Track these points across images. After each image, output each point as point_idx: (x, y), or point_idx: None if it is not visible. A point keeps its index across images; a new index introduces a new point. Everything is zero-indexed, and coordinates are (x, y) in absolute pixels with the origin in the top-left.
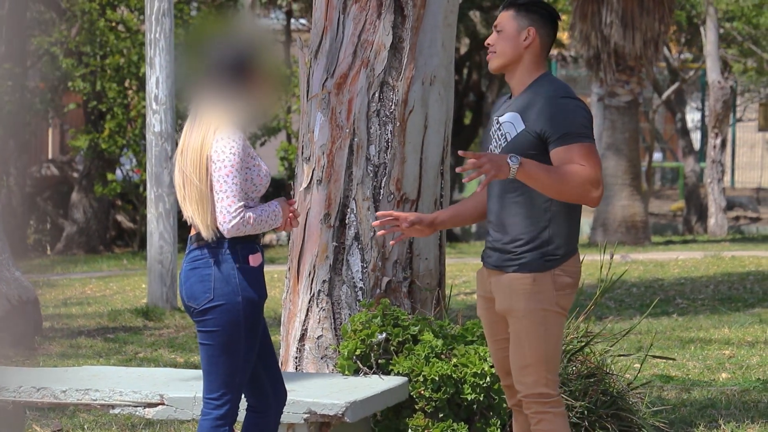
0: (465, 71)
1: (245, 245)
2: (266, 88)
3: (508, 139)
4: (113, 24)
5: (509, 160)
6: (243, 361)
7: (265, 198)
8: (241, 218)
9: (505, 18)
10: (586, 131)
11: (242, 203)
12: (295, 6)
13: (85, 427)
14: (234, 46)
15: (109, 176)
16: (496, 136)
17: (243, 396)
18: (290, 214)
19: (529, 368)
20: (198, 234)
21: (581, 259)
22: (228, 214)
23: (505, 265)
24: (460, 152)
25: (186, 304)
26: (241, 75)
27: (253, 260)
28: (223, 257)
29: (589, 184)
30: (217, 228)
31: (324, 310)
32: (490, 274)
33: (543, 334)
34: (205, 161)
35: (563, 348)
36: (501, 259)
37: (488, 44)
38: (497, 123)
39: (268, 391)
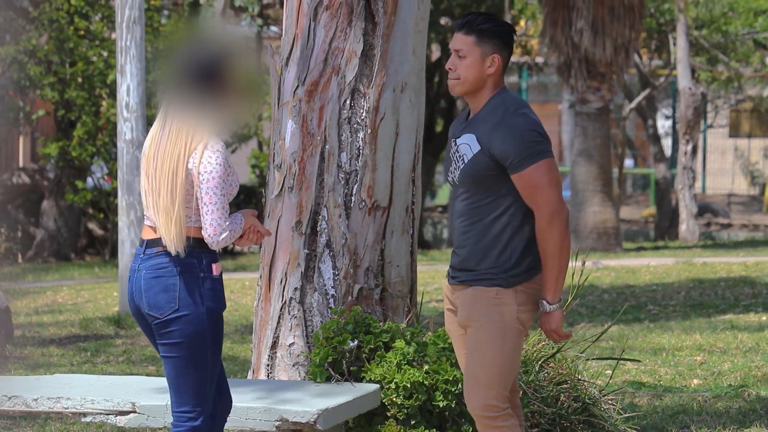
0: (436, 78)
1: (209, 254)
2: (239, 94)
3: (465, 161)
4: (81, 32)
5: (551, 311)
6: (211, 371)
7: (236, 206)
8: (230, 231)
9: (467, 44)
10: (539, 146)
11: (228, 215)
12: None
13: None
14: (207, 52)
15: (80, 184)
16: (455, 158)
17: None
18: (252, 229)
19: (481, 379)
20: (161, 239)
21: None
22: (219, 227)
23: (469, 280)
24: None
25: (146, 314)
26: (214, 81)
27: (216, 269)
28: (189, 266)
29: (559, 228)
30: (183, 240)
31: (296, 317)
32: (454, 290)
33: (500, 346)
34: (183, 172)
35: (534, 355)
36: (466, 275)
37: (450, 69)
38: (455, 145)
39: (215, 398)
